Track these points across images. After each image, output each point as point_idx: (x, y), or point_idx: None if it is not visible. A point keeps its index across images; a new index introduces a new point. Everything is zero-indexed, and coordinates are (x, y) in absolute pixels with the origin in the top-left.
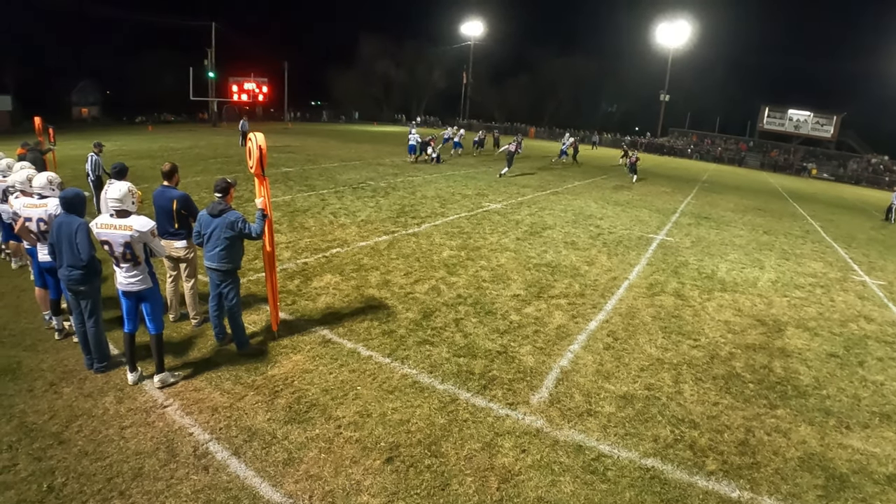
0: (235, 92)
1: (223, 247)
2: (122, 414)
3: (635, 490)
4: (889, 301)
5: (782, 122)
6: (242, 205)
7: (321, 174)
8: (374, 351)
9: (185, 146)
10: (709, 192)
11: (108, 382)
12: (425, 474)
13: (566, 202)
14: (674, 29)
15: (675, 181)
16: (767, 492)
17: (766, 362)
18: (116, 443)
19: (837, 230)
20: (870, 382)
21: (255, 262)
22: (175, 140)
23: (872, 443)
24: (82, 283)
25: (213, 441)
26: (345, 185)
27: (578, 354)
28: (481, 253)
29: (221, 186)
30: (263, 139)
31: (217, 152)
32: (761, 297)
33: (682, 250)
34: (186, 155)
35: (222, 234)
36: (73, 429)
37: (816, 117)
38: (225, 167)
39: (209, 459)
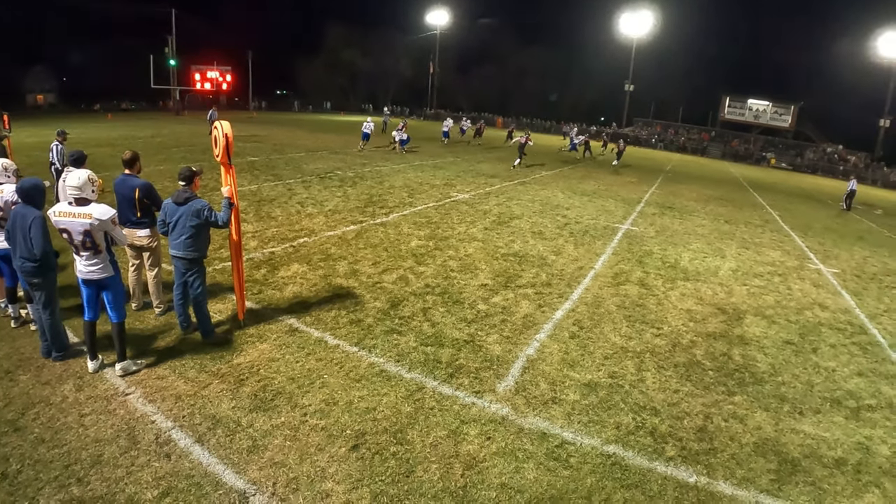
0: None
1: (189, 235)
2: (81, 402)
3: (596, 476)
4: (842, 289)
5: (742, 111)
6: (208, 193)
7: (288, 164)
8: (341, 340)
9: (147, 135)
10: (673, 182)
11: (66, 370)
12: (390, 461)
13: (533, 192)
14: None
15: (640, 171)
16: (723, 476)
17: (725, 350)
18: (75, 430)
19: (795, 219)
20: (822, 369)
21: (221, 250)
22: (136, 128)
23: (823, 427)
24: (36, 276)
25: (176, 429)
26: (312, 174)
27: (544, 343)
28: (449, 243)
29: (186, 174)
30: (230, 127)
31: (180, 141)
32: (722, 285)
33: (646, 240)
34: (149, 144)
35: (188, 223)
36: (30, 416)
37: (775, 107)
38: (189, 156)
39: (171, 447)
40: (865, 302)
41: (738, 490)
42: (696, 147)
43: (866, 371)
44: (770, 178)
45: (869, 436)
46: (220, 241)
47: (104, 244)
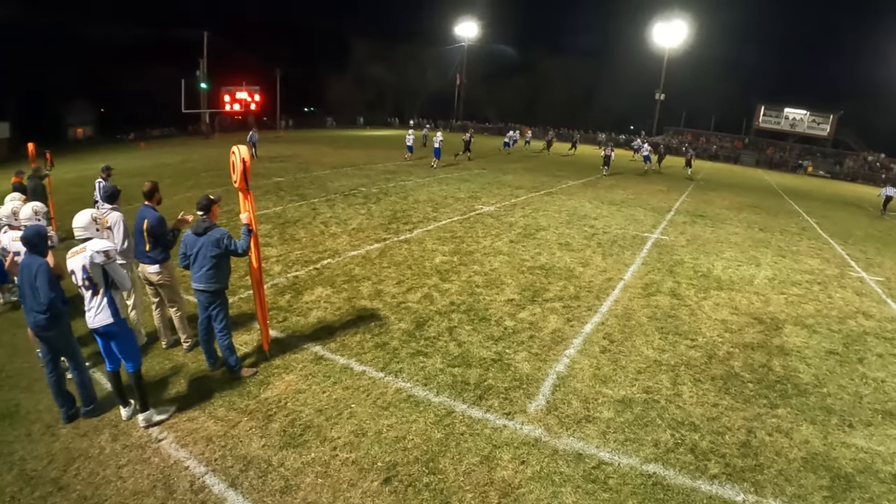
0: (228, 102)
1: (210, 266)
2: (118, 452)
3: (638, 498)
4: (887, 297)
5: (778, 120)
6: (233, 219)
7: (312, 182)
8: (367, 366)
9: (177, 161)
10: (704, 190)
11: (102, 419)
12: (424, 493)
13: (560, 203)
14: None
15: (669, 179)
16: (772, 494)
17: (764, 361)
18: (114, 483)
19: (834, 227)
20: (870, 379)
21: (246, 278)
22: (167, 155)
23: (876, 441)
24: (48, 329)
25: (210, 473)
26: (336, 192)
27: (574, 359)
28: (474, 257)
29: (203, 204)
30: (247, 152)
31: (209, 165)
32: (758, 294)
33: (677, 249)
34: (178, 170)
35: (208, 253)
36: (72, 472)
37: (813, 116)
38: (217, 180)
39: (206, 493)
40: None
41: None
42: (729, 155)
43: None
44: (807, 185)
45: None
46: (245, 269)
47: (103, 284)
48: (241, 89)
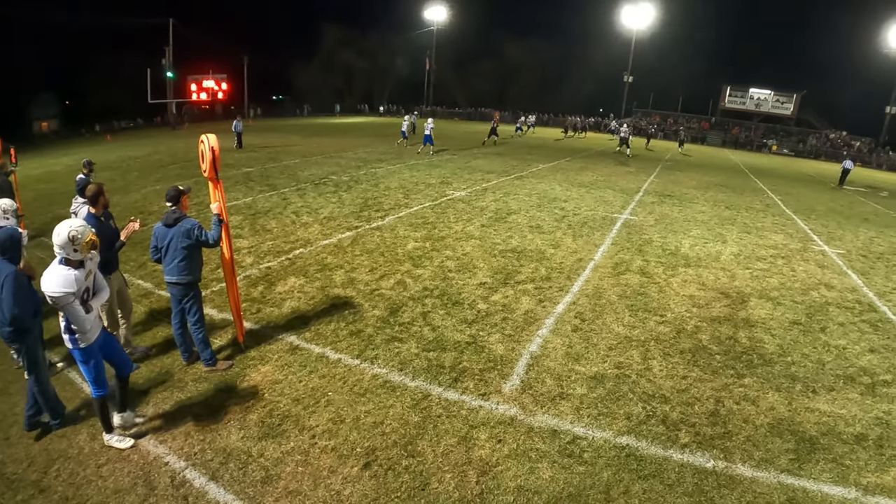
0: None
1: (182, 258)
2: (96, 451)
3: (612, 469)
4: (848, 268)
5: (743, 100)
6: (203, 211)
7: (282, 172)
8: (342, 353)
9: (145, 153)
10: (672, 171)
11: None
12: (404, 476)
13: (530, 186)
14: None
15: (638, 161)
16: (741, 459)
17: (731, 333)
18: (95, 483)
19: (797, 203)
20: (832, 347)
21: (218, 271)
22: (134, 147)
23: (839, 404)
24: (12, 342)
25: (190, 468)
26: (307, 181)
27: (547, 339)
28: (446, 242)
29: (172, 195)
30: (216, 140)
31: (177, 157)
32: (724, 270)
33: (646, 228)
34: (146, 162)
35: (179, 245)
36: (52, 474)
37: (776, 95)
38: (185, 172)
39: (188, 488)
40: (873, 281)
41: (757, 472)
42: (696, 136)
43: (879, 347)
44: (771, 164)
45: (888, 410)
46: (217, 262)
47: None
48: (208, 77)
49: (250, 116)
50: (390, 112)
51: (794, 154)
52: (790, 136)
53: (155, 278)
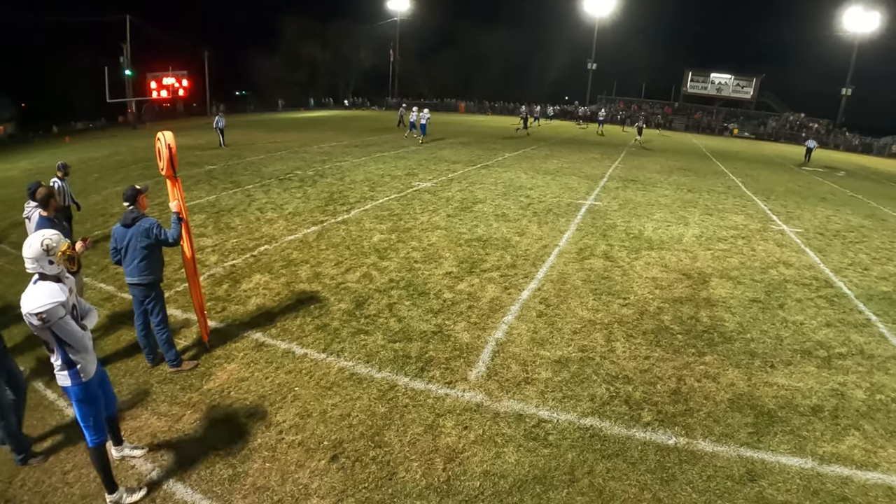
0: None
1: (142, 258)
2: (62, 458)
3: (577, 450)
4: (805, 246)
5: (705, 85)
6: (164, 211)
7: (246, 168)
8: (308, 348)
9: (104, 154)
10: (636, 156)
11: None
12: (371, 466)
13: (496, 175)
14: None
15: (603, 147)
16: (702, 435)
17: (692, 313)
18: (61, 490)
19: (757, 185)
20: (790, 323)
21: (181, 271)
22: (94, 148)
23: (796, 378)
24: None
25: (157, 469)
26: (271, 177)
27: (513, 325)
28: (412, 234)
29: (129, 194)
30: (172, 138)
31: (138, 157)
32: (686, 252)
33: (610, 213)
34: (106, 164)
35: (139, 244)
36: (17, 484)
37: (737, 80)
38: (147, 172)
39: (155, 491)
40: (830, 257)
41: (718, 446)
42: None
43: (835, 322)
44: (733, 147)
45: (843, 382)
46: (180, 262)
47: (54, 342)
48: (168, 75)
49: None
50: (356, 105)
51: (754, 137)
52: (751, 120)
53: (117, 281)
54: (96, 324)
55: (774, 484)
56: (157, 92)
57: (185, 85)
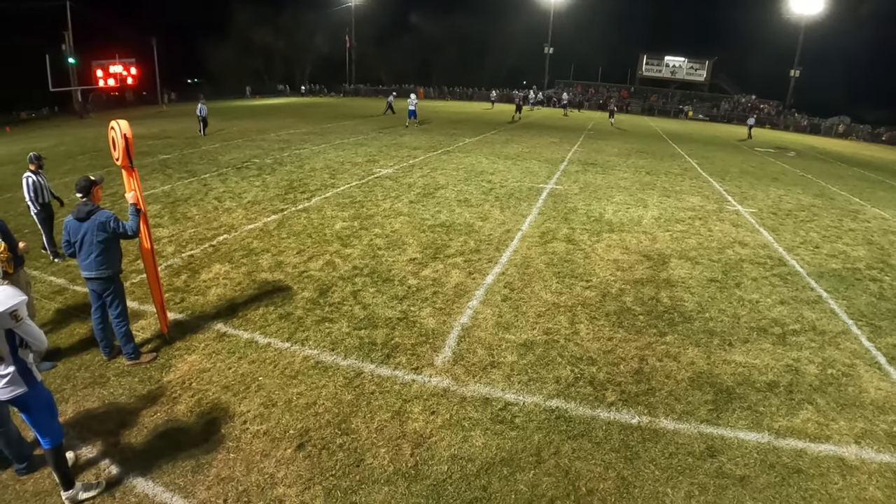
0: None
1: (98, 252)
2: None
3: (543, 432)
4: (760, 226)
5: (660, 68)
6: (117, 202)
7: (202, 157)
8: (272, 337)
9: (50, 144)
10: (594, 140)
11: None
12: (338, 454)
13: (458, 160)
14: None
15: (562, 131)
16: (664, 413)
17: (653, 294)
18: (13, 487)
19: (712, 166)
20: (746, 301)
21: (138, 262)
22: (38, 139)
23: (753, 355)
24: None
25: (115, 464)
26: (228, 166)
27: (478, 310)
28: (375, 221)
29: (83, 185)
30: (128, 127)
31: (86, 147)
32: (646, 233)
33: (570, 197)
34: (52, 154)
35: (94, 238)
36: None
37: (690, 63)
38: (96, 162)
39: (114, 486)
40: (783, 236)
41: (679, 424)
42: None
43: (788, 299)
44: (688, 129)
45: (797, 358)
46: (136, 253)
47: (6, 349)
48: (115, 62)
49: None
50: (312, 92)
51: (708, 119)
52: (704, 102)
53: (68, 274)
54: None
55: (733, 459)
56: (103, 80)
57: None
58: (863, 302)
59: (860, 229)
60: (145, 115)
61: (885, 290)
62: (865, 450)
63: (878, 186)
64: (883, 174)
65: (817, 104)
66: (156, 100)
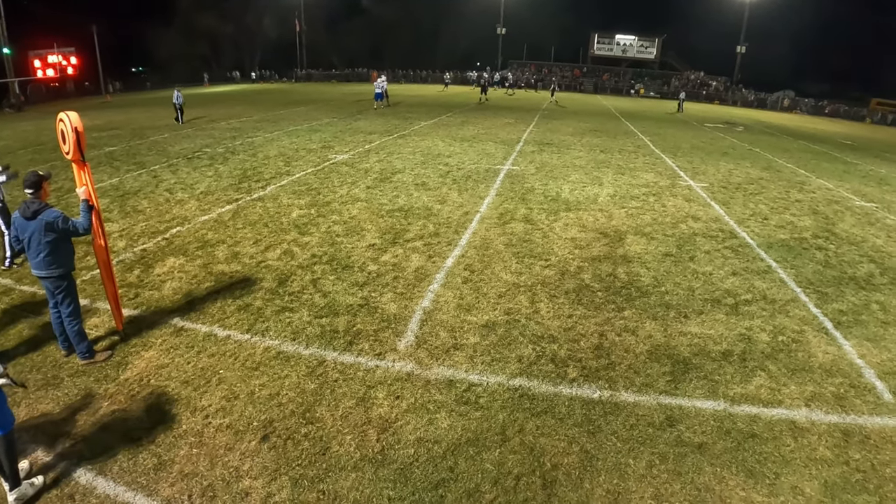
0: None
1: (47, 252)
2: None
3: (507, 411)
4: (711, 200)
5: (611, 47)
6: (65, 197)
7: (150, 148)
8: (231, 330)
9: None
10: (550, 119)
11: None
12: (304, 443)
13: (414, 144)
14: None
15: (517, 111)
16: (624, 387)
17: (611, 270)
18: None
19: (665, 143)
20: (700, 274)
21: (88, 258)
22: None
23: (707, 326)
24: None
25: (73, 466)
26: (178, 156)
27: (439, 293)
28: (332, 207)
29: (32, 181)
30: (78, 119)
31: (27, 142)
32: (602, 211)
33: (527, 177)
34: None
35: (42, 238)
36: None
37: (640, 41)
38: (38, 157)
39: (73, 486)
40: (733, 209)
41: (639, 396)
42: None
43: (740, 270)
44: (640, 106)
45: (749, 326)
46: (87, 248)
47: None
48: (54, 52)
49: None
50: (263, 78)
51: (659, 96)
52: (655, 80)
53: (14, 274)
54: None
55: (691, 427)
56: (42, 71)
57: (75, 63)
58: (810, 270)
59: (806, 200)
60: (88, 106)
61: (831, 258)
62: (815, 412)
63: (822, 158)
64: (826, 146)
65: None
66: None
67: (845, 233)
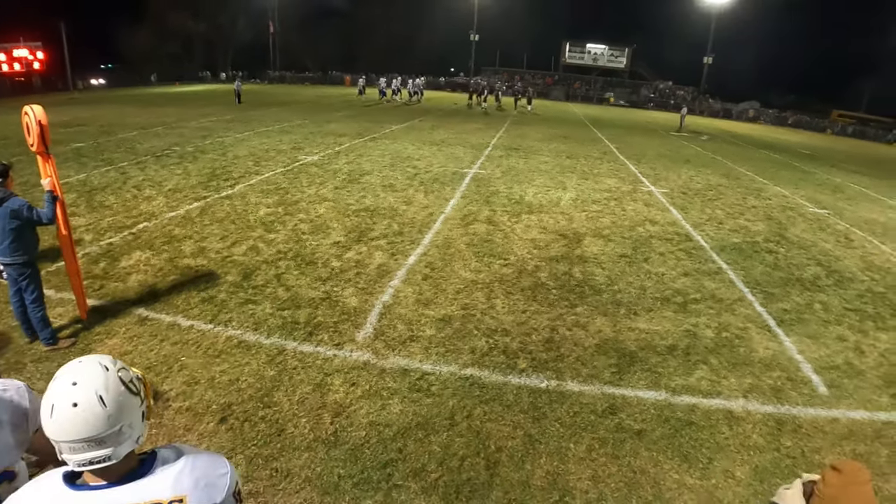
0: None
1: (11, 239)
2: None
3: (457, 398)
4: (670, 205)
5: (582, 55)
6: (30, 190)
7: (119, 145)
8: (194, 320)
9: None
10: (519, 125)
11: None
12: (260, 425)
13: (384, 147)
14: None
15: (488, 117)
16: (570, 377)
17: (566, 270)
18: None
19: (630, 150)
20: (653, 274)
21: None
22: None
23: (655, 322)
24: None
25: None
26: (147, 154)
27: (399, 288)
28: (299, 206)
29: None
30: (42, 112)
31: None
32: (563, 214)
33: (493, 181)
34: None
35: (7, 226)
36: None
37: (611, 50)
38: (3, 151)
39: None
40: (690, 214)
41: (584, 386)
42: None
43: (691, 271)
44: (609, 114)
45: (695, 323)
46: (51, 240)
47: None
48: (19, 46)
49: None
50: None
51: (629, 105)
52: (625, 88)
53: None
54: None
55: (632, 415)
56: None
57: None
58: (758, 272)
59: (762, 206)
60: (55, 101)
61: (780, 260)
62: (752, 402)
63: (782, 167)
64: (787, 155)
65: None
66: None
67: (796, 237)
